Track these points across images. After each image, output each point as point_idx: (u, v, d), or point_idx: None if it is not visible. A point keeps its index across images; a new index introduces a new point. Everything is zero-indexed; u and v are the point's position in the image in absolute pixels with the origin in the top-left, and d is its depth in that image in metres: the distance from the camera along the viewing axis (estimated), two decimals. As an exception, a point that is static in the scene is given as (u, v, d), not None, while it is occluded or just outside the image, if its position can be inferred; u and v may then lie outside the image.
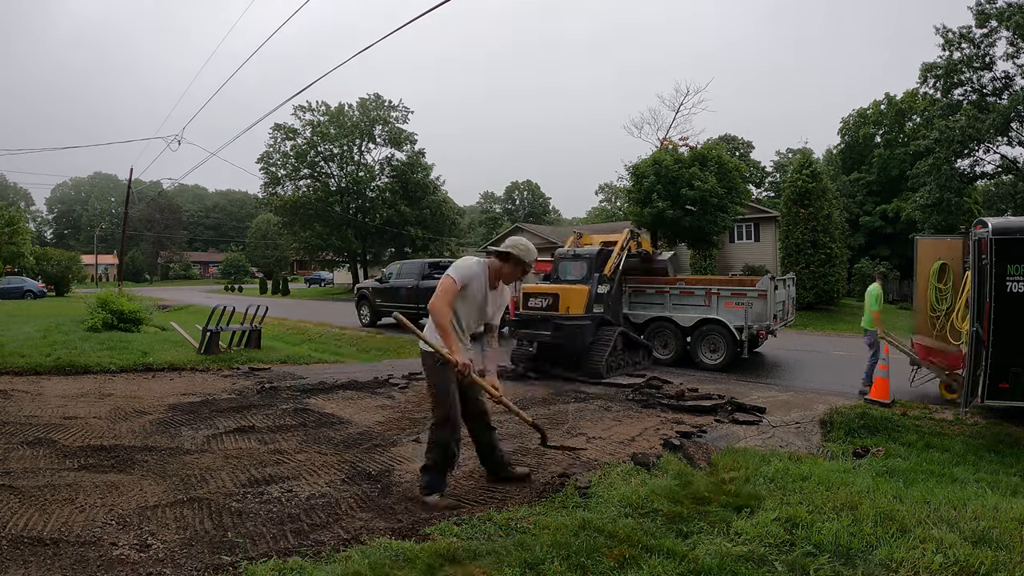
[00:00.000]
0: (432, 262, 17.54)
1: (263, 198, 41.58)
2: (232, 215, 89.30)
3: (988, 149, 24.65)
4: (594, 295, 9.98)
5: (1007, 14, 21.90)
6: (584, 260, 10.50)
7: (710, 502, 4.10)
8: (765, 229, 31.76)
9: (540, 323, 10.01)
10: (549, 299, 10.04)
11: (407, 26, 7.64)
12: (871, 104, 34.80)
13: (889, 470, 5.39)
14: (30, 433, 5.68)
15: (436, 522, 3.94)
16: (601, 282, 10.17)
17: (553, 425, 6.80)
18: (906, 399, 8.23)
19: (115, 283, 35.72)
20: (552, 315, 9.92)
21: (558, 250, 11.44)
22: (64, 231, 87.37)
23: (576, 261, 10.67)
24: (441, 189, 42.48)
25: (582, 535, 3.52)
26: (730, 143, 55.15)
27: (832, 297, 22.95)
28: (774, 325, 11.00)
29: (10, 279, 34.42)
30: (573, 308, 9.82)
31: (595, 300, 10.01)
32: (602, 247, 10.88)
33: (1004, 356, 6.81)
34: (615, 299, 10.77)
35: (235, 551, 3.49)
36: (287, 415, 6.91)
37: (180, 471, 4.85)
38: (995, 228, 6.98)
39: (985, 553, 3.29)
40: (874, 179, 32.73)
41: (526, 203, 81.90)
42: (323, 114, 38.73)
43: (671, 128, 31.32)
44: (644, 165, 23.96)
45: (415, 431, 6.39)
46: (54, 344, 10.88)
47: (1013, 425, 6.96)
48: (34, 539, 3.49)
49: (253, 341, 11.85)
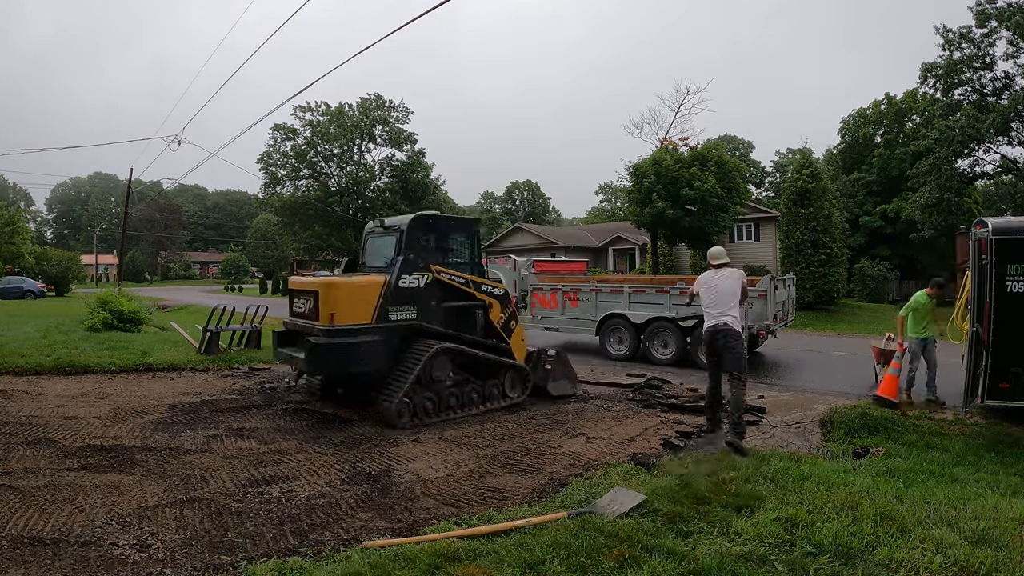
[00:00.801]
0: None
1: (263, 198, 41.66)
2: (232, 215, 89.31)
3: (988, 149, 24.64)
4: (393, 290, 6.72)
5: (1007, 14, 21.89)
6: (393, 235, 7.23)
7: (710, 502, 4.10)
8: (765, 229, 31.75)
9: (301, 338, 6.88)
10: (309, 300, 6.76)
11: (407, 26, 7.63)
12: (871, 104, 34.79)
13: (889, 470, 5.39)
14: (30, 433, 5.68)
15: (436, 522, 3.95)
16: (411, 269, 6.91)
17: (553, 425, 6.80)
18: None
19: (115, 283, 35.74)
20: (310, 327, 6.67)
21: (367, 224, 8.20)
22: (64, 231, 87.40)
23: (385, 237, 7.45)
24: (441, 189, 42.54)
25: (582, 535, 3.52)
26: (730, 143, 55.20)
27: (832, 297, 22.93)
28: (774, 325, 10.99)
29: (10, 279, 34.39)
30: (343, 314, 6.44)
31: (396, 299, 6.75)
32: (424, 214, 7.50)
33: (1004, 356, 6.80)
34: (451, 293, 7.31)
35: (235, 551, 3.49)
36: (287, 415, 6.91)
37: (180, 471, 4.86)
38: (995, 228, 6.98)
39: (985, 553, 3.29)
40: (874, 179, 32.72)
41: (526, 203, 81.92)
42: (323, 114, 38.77)
43: (671, 128, 31.39)
44: (644, 165, 23.96)
45: (415, 431, 6.40)
46: (54, 344, 10.88)
47: (1013, 425, 6.96)
48: (34, 539, 3.49)
49: (253, 341, 11.84)
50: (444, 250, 7.51)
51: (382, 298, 6.66)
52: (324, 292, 6.53)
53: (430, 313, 7.08)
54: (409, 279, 6.87)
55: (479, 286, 7.57)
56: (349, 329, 6.43)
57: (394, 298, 6.73)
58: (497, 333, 7.72)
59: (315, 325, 6.53)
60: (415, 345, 6.82)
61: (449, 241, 7.62)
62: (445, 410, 6.93)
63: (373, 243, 7.74)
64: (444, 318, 7.22)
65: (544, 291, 12.92)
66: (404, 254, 6.90)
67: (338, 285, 6.66)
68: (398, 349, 6.77)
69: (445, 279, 7.22)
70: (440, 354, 6.86)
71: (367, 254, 7.80)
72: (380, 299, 6.65)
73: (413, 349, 6.78)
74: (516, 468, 5.20)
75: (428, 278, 7.06)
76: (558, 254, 36.83)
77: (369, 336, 6.50)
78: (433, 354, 6.73)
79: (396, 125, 39.75)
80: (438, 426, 6.62)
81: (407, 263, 6.89)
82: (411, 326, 6.90)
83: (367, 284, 6.71)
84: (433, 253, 7.30)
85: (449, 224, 7.73)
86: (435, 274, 7.13)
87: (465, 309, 7.50)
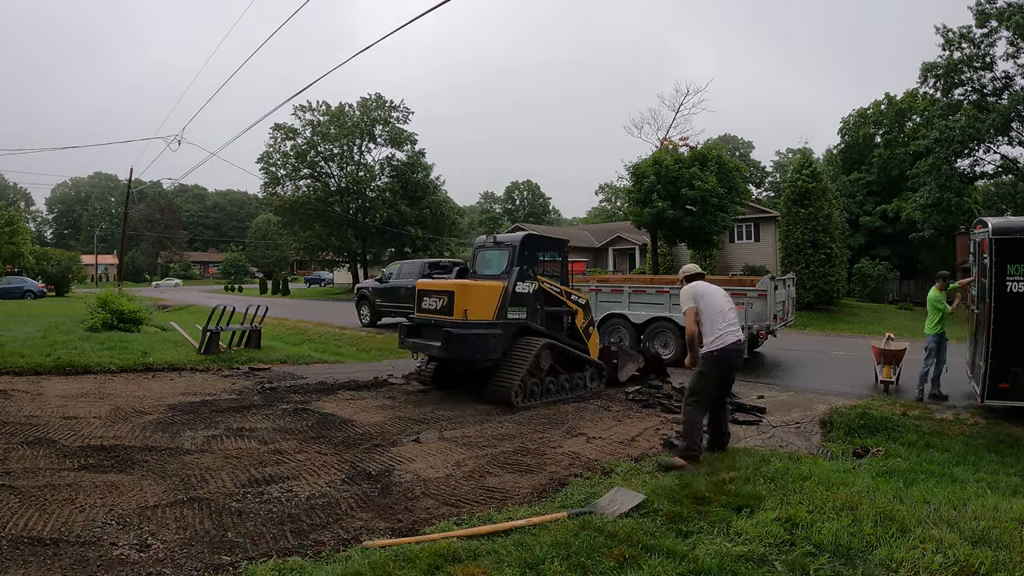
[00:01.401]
0: (432, 262, 17.52)
1: (263, 198, 41.60)
2: (232, 215, 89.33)
3: (988, 149, 24.64)
4: (510, 295, 7.98)
5: (1007, 14, 21.89)
6: (507, 249, 8.48)
7: (710, 502, 4.10)
8: (765, 229, 31.75)
9: (431, 330, 8.01)
10: (443, 299, 8.00)
11: (406, 26, 7.63)
12: (871, 104, 34.79)
13: (889, 470, 5.39)
14: (30, 433, 5.68)
15: (436, 522, 3.95)
16: (524, 278, 8.23)
17: (553, 425, 6.80)
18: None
19: (115, 283, 35.73)
20: (445, 320, 7.85)
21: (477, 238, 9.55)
22: (64, 231, 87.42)
23: (497, 251, 8.71)
24: (441, 189, 42.51)
25: (582, 535, 3.52)
26: (730, 143, 55.22)
27: (832, 297, 22.94)
28: (774, 325, 11.00)
29: (10, 279, 34.40)
30: (474, 311, 7.71)
31: (512, 301, 8.02)
32: (532, 232, 9.15)
33: (1004, 356, 6.80)
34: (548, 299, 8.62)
35: (235, 551, 3.49)
36: (287, 415, 6.92)
37: (180, 471, 4.85)
38: (995, 228, 6.98)
39: (985, 553, 3.29)
40: (874, 179, 32.72)
41: (526, 203, 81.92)
42: (323, 114, 38.72)
43: (671, 128, 31.39)
44: (644, 165, 23.97)
45: (415, 431, 6.40)
46: (54, 344, 10.88)
47: (1013, 425, 6.96)
48: (34, 539, 3.49)
49: (253, 341, 11.85)
50: (543, 263, 8.80)
51: (502, 300, 7.93)
52: (460, 292, 7.86)
53: (535, 315, 8.38)
54: (522, 286, 8.17)
55: (568, 295, 8.96)
56: (478, 323, 7.70)
57: (511, 301, 8.00)
58: (579, 335, 8.98)
59: (450, 319, 7.76)
60: (525, 340, 8.10)
61: (546, 256, 8.91)
62: (544, 394, 8.08)
63: (484, 255, 8.91)
64: (544, 320, 8.54)
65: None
66: (519, 265, 8.20)
67: (470, 287, 7.96)
68: (511, 343, 8.03)
69: (547, 288, 8.56)
70: (545, 348, 8.11)
71: (478, 264, 8.93)
72: (501, 301, 7.92)
73: (524, 343, 8.07)
74: (516, 468, 5.20)
75: (535, 286, 8.39)
76: (558, 254, 36.71)
77: (492, 330, 7.78)
78: (541, 347, 8.01)
79: (396, 125, 39.73)
80: (439, 426, 6.63)
81: (522, 272, 8.20)
82: (522, 325, 8.16)
83: (492, 288, 7.99)
84: (536, 265, 8.56)
85: (546, 242, 9.10)
86: (540, 283, 8.46)
87: (558, 314, 8.85)
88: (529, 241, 8.53)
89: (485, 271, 8.67)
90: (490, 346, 7.72)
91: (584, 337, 9.00)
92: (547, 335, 8.36)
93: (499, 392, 7.69)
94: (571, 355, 8.57)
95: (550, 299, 8.64)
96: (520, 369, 7.71)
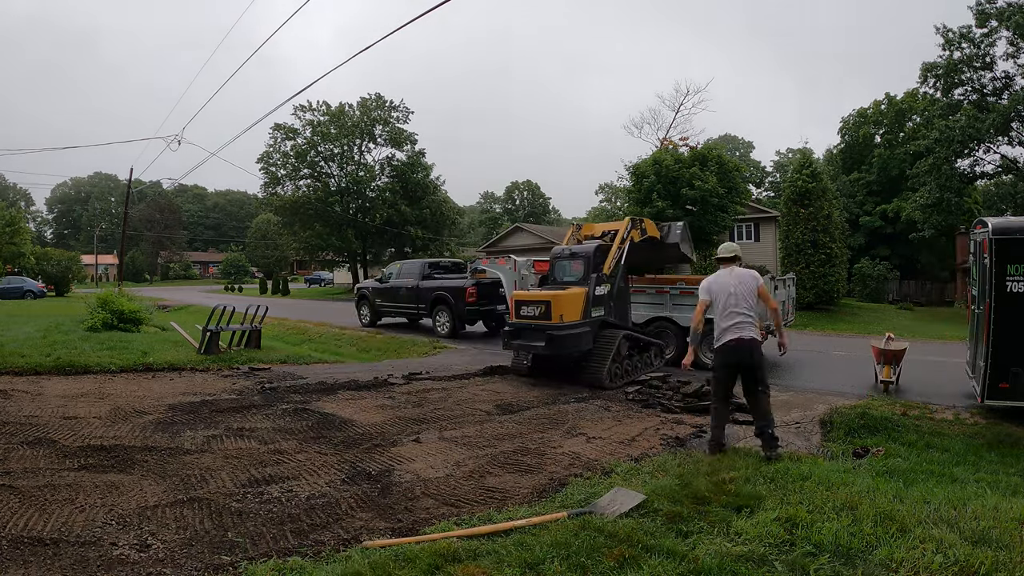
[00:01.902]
0: (432, 262, 17.51)
1: (263, 198, 41.58)
2: (232, 215, 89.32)
3: (988, 149, 24.64)
4: (592, 297, 9.31)
5: (1007, 14, 21.89)
6: (581, 259, 9.77)
7: (710, 502, 4.10)
8: (765, 229, 31.76)
9: (533, 333, 9.30)
10: (541, 307, 9.24)
11: (407, 26, 7.64)
12: (871, 104, 34.83)
13: (889, 470, 5.39)
14: (30, 433, 5.68)
15: (436, 522, 3.95)
16: (600, 282, 9.49)
17: (553, 425, 6.80)
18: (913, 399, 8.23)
19: (115, 283, 35.73)
20: (545, 324, 9.12)
21: (554, 249, 10.60)
22: (64, 231, 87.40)
23: (573, 260, 9.95)
24: (441, 189, 42.50)
25: (582, 535, 3.52)
26: (730, 143, 55.22)
27: (832, 297, 22.95)
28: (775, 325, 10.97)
29: (10, 279, 34.41)
30: (567, 315, 9.04)
31: (594, 302, 9.36)
32: (600, 243, 10.21)
33: (1004, 356, 6.80)
34: (620, 297, 10.15)
35: (235, 551, 3.49)
36: (287, 415, 6.92)
37: (180, 471, 4.85)
38: (995, 228, 6.98)
39: (985, 553, 3.28)
40: (874, 179, 32.74)
41: (526, 203, 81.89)
42: (323, 114, 38.72)
43: (671, 128, 31.40)
44: (644, 165, 23.95)
45: (415, 431, 6.40)
46: (54, 344, 10.88)
47: (1013, 425, 6.95)
48: (34, 539, 3.49)
49: (253, 341, 11.85)
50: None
51: (586, 303, 9.22)
52: (555, 301, 9.10)
53: (611, 311, 9.82)
54: (600, 289, 9.48)
55: None
56: (572, 324, 9.04)
57: (593, 302, 9.33)
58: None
59: (549, 323, 9.05)
60: (608, 333, 9.53)
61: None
62: (625, 375, 9.49)
63: (561, 264, 10.07)
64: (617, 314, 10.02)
65: (544, 291, 12.96)
66: (597, 271, 9.52)
67: (563, 296, 9.18)
68: (596, 336, 9.40)
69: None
70: (624, 339, 9.60)
71: (556, 272, 10.10)
72: (585, 304, 9.21)
73: (607, 335, 9.49)
74: (516, 468, 5.20)
75: (608, 287, 9.70)
76: (558, 254, 36.73)
77: (583, 328, 9.15)
78: (621, 338, 9.49)
79: (396, 125, 39.73)
80: (439, 426, 6.63)
81: (599, 277, 9.50)
82: (603, 321, 9.59)
83: (578, 294, 9.26)
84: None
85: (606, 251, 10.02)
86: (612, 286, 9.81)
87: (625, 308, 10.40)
88: (599, 250, 9.96)
89: (563, 277, 9.96)
90: (583, 341, 9.12)
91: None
92: (622, 327, 9.86)
93: (594, 377, 9.09)
94: (641, 341, 10.17)
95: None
96: (606, 358, 9.16)
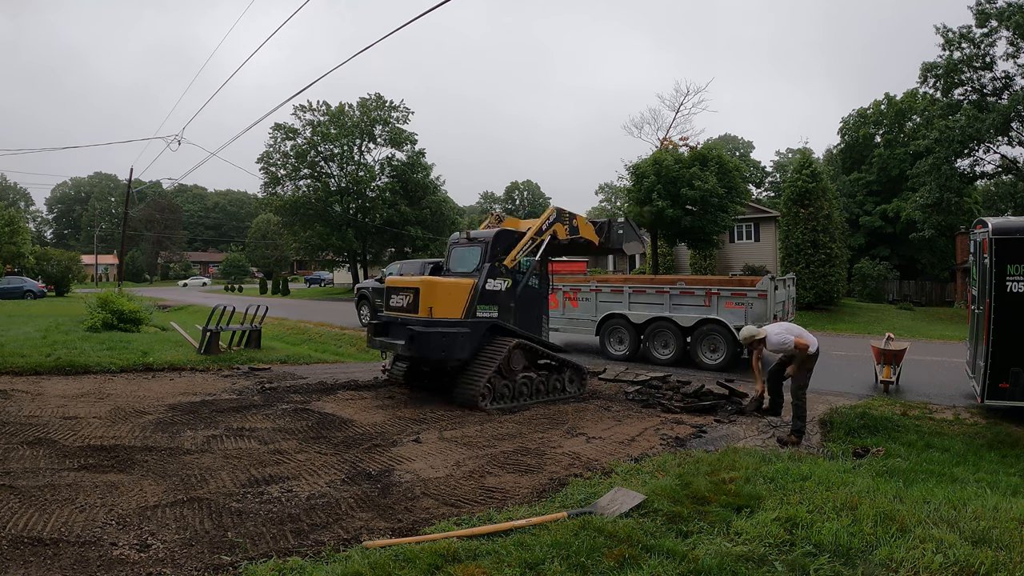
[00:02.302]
0: (432, 262, 17.50)
1: (263, 198, 41.58)
2: (232, 215, 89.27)
3: (988, 149, 24.61)
4: (480, 292, 7.68)
5: (1007, 14, 21.86)
6: (479, 245, 8.20)
7: (710, 502, 4.10)
8: (765, 229, 31.73)
9: (399, 329, 7.67)
10: (409, 296, 7.64)
11: (407, 26, 7.63)
12: (871, 104, 34.80)
13: (889, 470, 5.39)
14: (30, 433, 5.68)
15: (436, 522, 3.95)
16: (496, 275, 7.87)
17: (553, 425, 6.80)
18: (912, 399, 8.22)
19: (115, 283, 35.72)
20: (410, 318, 7.53)
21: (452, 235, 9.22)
22: (64, 231, 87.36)
23: (471, 246, 8.36)
24: (441, 189, 42.50)
25: (582, 535, 3.52)
26: (730, 143, 55.23)
27: (832, 297, 22.93)
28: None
29: (10, 279, 34.36)
30: (440, 309, 7.38)
31: (482, 299, 7.70)
32: (508, 229, 8.50)
33: (1004, 356, 6.80)
34: (530, 300, 8.44)
35: (235, 551, 3.49)
36: (287, 415, 6.92)
37: (180, 471, 4.85)
38: (995, 228, 6.98)
39: (985, 553, 3.29)
40: (874, 179, 32.71)
41: (526, 203, 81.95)
42: (323, 114, 38.73)
43: (671, 128, 31.39)
44: (644, 165, 23.97)
45: (415, 431, 6.40)
46: (54, 344, 10.88)
47: (1013, 425, 6.96)
48: (34, 539, 3.49)
49: (253, 341, 11.85)
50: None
51: (471, 298, 7.60)
52: (426, 289, 7.50)
53: (508, 314, 8.03)
54: (493, 283, 7.85)
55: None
56: (444, 321, 7.38)
57: (481, 299, 7.69)
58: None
59: (414, 317, 7.45)
60: (495, 340, 7.76)
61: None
62: (517, 397, 7.77)
63: (458, 252, 8.54)
64: (521, 319, 8.19)
65: (544, 291, 12.93)
66: (491, 261, 7.87)
67: (437, 283, 7.63)
68: (481, 342, 7.69)
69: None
70: (515, 349, 7.81)
71: (452, 261, 8.57)
72: (470, 299, 7.60)
73: (493, 343, 7.72)
74: (516, 468, 5.20)
75: (508, 283, 8.04)
76: (558, 254, 36.73)
77: (459, 329, 7.44)
78: (511, 349, 7.70)
79: (396, 125, 39.74)
80: (439, 426, 6.62)
81: (493, 269, 7.86)
82: (493, 324, 7.83)
83: (460, 284, 7.67)
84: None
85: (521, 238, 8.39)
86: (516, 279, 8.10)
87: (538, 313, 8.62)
88: (502, 236, 8.09)
89: (458, 268, 8.32)
90: (456, 345, 7.36)
91: None
92: (521, 335, 8.03)
93: (465, 394, 7.36)
94: (548, 357, 8.32)
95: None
96: (487, 370, 7.38)
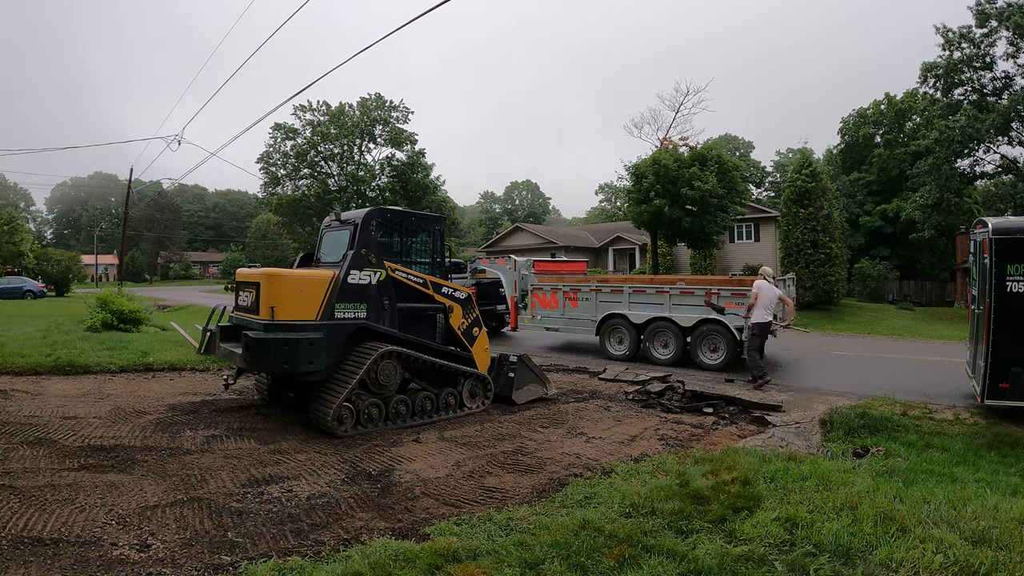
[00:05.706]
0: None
1: (263, 198, 41.62)
2: (232, 215, 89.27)
3: (988, 149, 24.62)
4: (341, 286, 6.25)
5: (1007, 14, 21.87)
6: (349, 228, 6.78)
7: (710, 502, 4.10)
8: (765, 229, 31.75)
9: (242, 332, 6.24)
10: (251, 293, 6.28)
11: (406, 26, 7.63)
12: (871, 104, 34.80)
13: (889, 470, 5.38)
14: (30, 433, 5.68)
15: (436, 522, 3.95)
16: (363, 265, 6.44)
17: (553, 425, 6.80)
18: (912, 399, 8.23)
19: (115, 283, 35.73)
20: (251, 320, 6.14)
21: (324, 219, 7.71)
22: (64, 231, 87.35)
23: (341, 230, 6.96)
24: (441, 189, 42.53)
25: (582, 535, 3.52)
26: (730, 143, 55.23)
27: (832, 297, 22.95)
28: (774, 325, 10.97)
29: (10, 279, 34.38)
30: (284, 309, 5.91)
31: (344, 296, 6.25)
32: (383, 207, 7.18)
33: (1004, 356, 6.80)
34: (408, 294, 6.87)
35: (235, 551, 3.49)
36: (287, 415, 6.91)
37: (180, 471, 4.86)
38: (995, 228, 6.98)
39: (985, 553, 3.29)
40: (874, 179, 32.73)
41: (526, 203, 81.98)
42: (323, 114, 38.76)
43: (671, 128, 31.37)
44: (644, 165, 23.97)
45: (415, 431, 6.40)
46: (54, 344, 10.88)
47: (1013, 425, 6.96)
48: (34, 539, 3.49)
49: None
50: (403, 247, 7.02)
51: (329, 294, 6.15)
52: (265, 284, 5.99)
53: (382, 314, 6.55)
54: (359, 275, 6.37)
55: (439, 288, 7.11)
56: (290, 324, 5.89)
57: (341, 295, 6.23)
58: (458, 339, 7.25)
59: (255, 319, 6.03)
60: (360, 347, 6.31)
61: (409, 238, 7.11)
62: (393, 418, 6.44)
63: (329, 237, 7.17)
64: (399, 320, 6.71)
65: (544, 291, 12.92)
66: (356, 249, 6.42)
67: (280, 277, 6.12)
68: (344, 350, 6.25)
69: (400, 278, 6.74)
70: (386, 358, 6.34)
71: (323, 248, 7.30)
72: (327, 295, 6.14)
73: (357, 351, 6.27)
74: (516, 468, 5.20)
75: (381, 275, 6.53)
76: (558, 254, 36.85)
77: (312, 333, 5.95)
78: (378, 358, 6.22)
79: (396, 125, 39.77)
80: (435, 426, 6.62)
81: (358, 258, 6.40)
82: (359, 326, 6.37)
83: (313, 278, 6.19)
84: (389, 250, 6.83)
85: (410, 220, 7.20)
86: (389, 272, 6.60)
87: (422, 312, 7.06)
88: (376, 217, 6.72)
89: (329, 257, 7.03)
90: (303, 354, 5.84)
91: (466, 342, 7.27)
92: (399, 339, 6.56)
93: (318, 415, 6.03)
94: (436, 366, 6.82)
95: (409, 293, 6.86)
96: (344, 387, 5.97)
